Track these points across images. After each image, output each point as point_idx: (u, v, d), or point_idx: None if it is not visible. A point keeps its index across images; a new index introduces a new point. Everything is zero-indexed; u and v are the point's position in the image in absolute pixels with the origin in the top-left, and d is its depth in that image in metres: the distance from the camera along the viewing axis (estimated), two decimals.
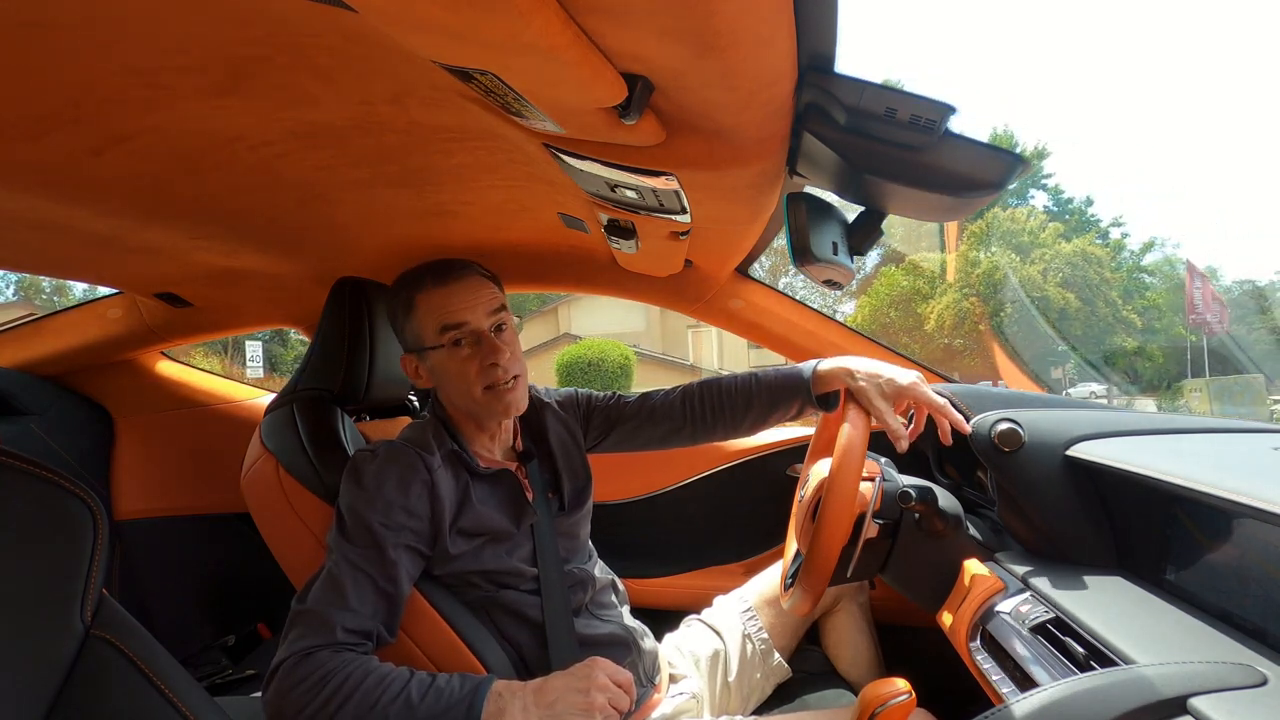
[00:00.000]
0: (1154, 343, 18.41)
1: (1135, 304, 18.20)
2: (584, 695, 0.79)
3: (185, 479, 1.78)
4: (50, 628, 0.54)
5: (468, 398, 0.97)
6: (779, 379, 1.12)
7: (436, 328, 0.96)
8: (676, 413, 1.14)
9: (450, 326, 0.95)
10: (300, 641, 0.81)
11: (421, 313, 0.97)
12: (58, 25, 0.53)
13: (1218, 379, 14.71)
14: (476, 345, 0.96)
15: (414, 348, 1.00)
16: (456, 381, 0.97)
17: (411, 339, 1.00)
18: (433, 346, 0.97)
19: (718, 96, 0.59)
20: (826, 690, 1.17)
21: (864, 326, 16.50)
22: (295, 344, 19.35)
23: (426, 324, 0.97)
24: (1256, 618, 0.66)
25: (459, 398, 0.99)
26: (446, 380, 0.98)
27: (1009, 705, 0.61)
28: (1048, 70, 62.16)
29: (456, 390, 0.98)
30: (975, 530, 1.07)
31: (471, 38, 0.47)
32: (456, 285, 0.97)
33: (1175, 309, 18.12)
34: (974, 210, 0.67)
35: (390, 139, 0.79)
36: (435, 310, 0.96)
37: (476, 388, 0.96)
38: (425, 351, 0.98)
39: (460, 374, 0.96)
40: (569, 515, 1.07)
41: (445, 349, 0.96)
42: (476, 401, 0.97)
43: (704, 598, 1.31)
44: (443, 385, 1.00)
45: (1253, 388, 12.74)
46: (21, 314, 1.97)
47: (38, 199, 0.84)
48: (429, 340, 0.97)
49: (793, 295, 1.61)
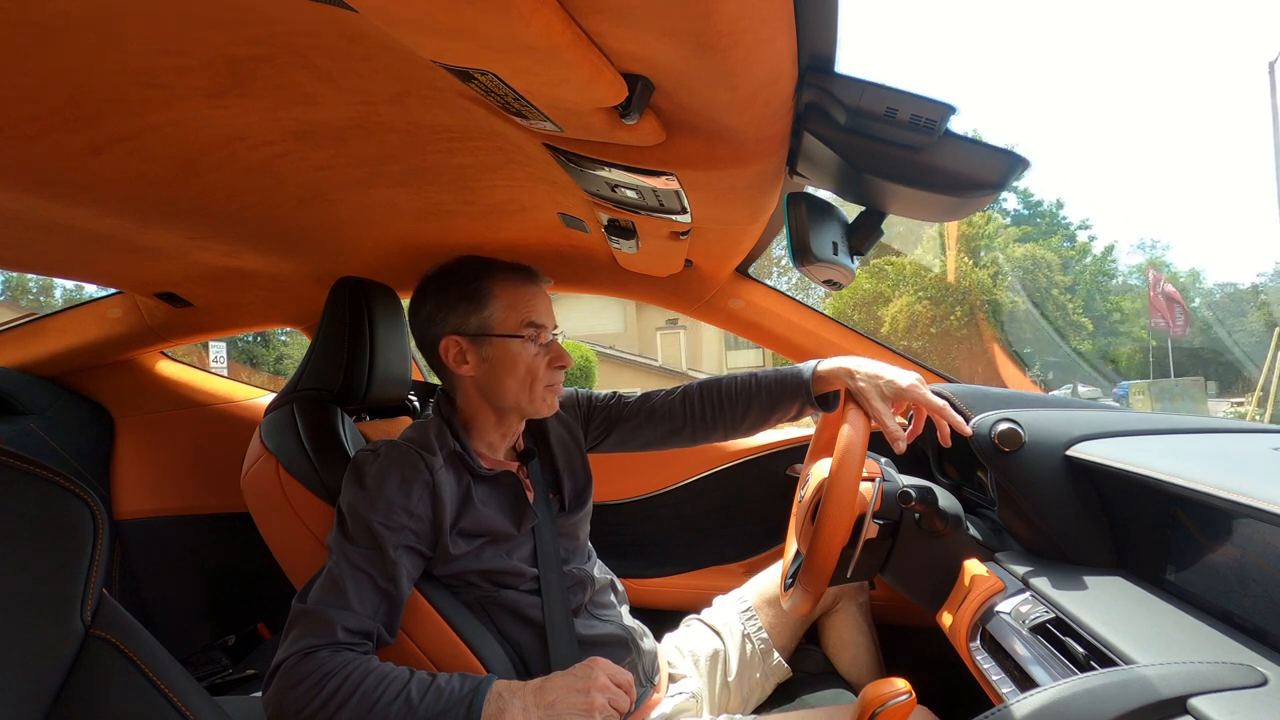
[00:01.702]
0: (1119, 345, 18.56)
1: (1099, 307, 18.29)
2: (584, 695, 0.79)
3: (185, 479, 1.78)
4: (50, 628, 0.54)
5: (523, 391, 0.99)
6: (779, 379, 1.12)
7: (521, 320, 0.98)
8: (676, 413, 1.14)
9: (535, 324, 0.99)
10: (300, 641, 0.81)
11: (503, 302, 0.98)
12: (58, 25, 0.53)
13: (1159, 381, 15.61)
14: (547, 347, 1.00)
15: (476, 332, 0.98)
16: (521, 372, 0.98)
17: (476, 323, 0.98)
18: (509, 335, 0.98)
19: (718, 96, 0.59)
20: (826, 690, 1.17)
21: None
22: (277, 345, 19.38)
23: (508, 314, 0.98)
24: (1256, 618, 0.66)
25: (513, 389, 0.99)
26: (506, 370, 0.98)
27: (1009, 705, 0.62)
28: (1028, 70, 62.16)
29: (513, 381, 0.98)
30: (975, 530, 1.07)
31: (471, 38, 0.47)
32: (537, 290, 1.02)
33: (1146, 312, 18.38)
34: (975, 210, 0.67)
35: (391, 139, 0.79)
36: (521, 304, 0.99)
37: (540, 383, 0.99)
38: (491, 338, 0.98)
39: (528, 366, 0.98)
40: (569, 516, 1.07)
41: (519, 340, 0.98)
42: (531, 395, 0.99)
43: (704, 598, 1.31)
44: (497, 375, 0.99)
45: (1191, 391, 13.65)
46: (9, 316, 1.97)
47: (38, 199, 0.84)
48: (507, 328, 0.98)
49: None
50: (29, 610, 0.53)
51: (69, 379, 1.73)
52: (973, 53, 73.24)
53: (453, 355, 1.00)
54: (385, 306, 1.20)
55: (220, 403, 1.83)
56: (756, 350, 21.27)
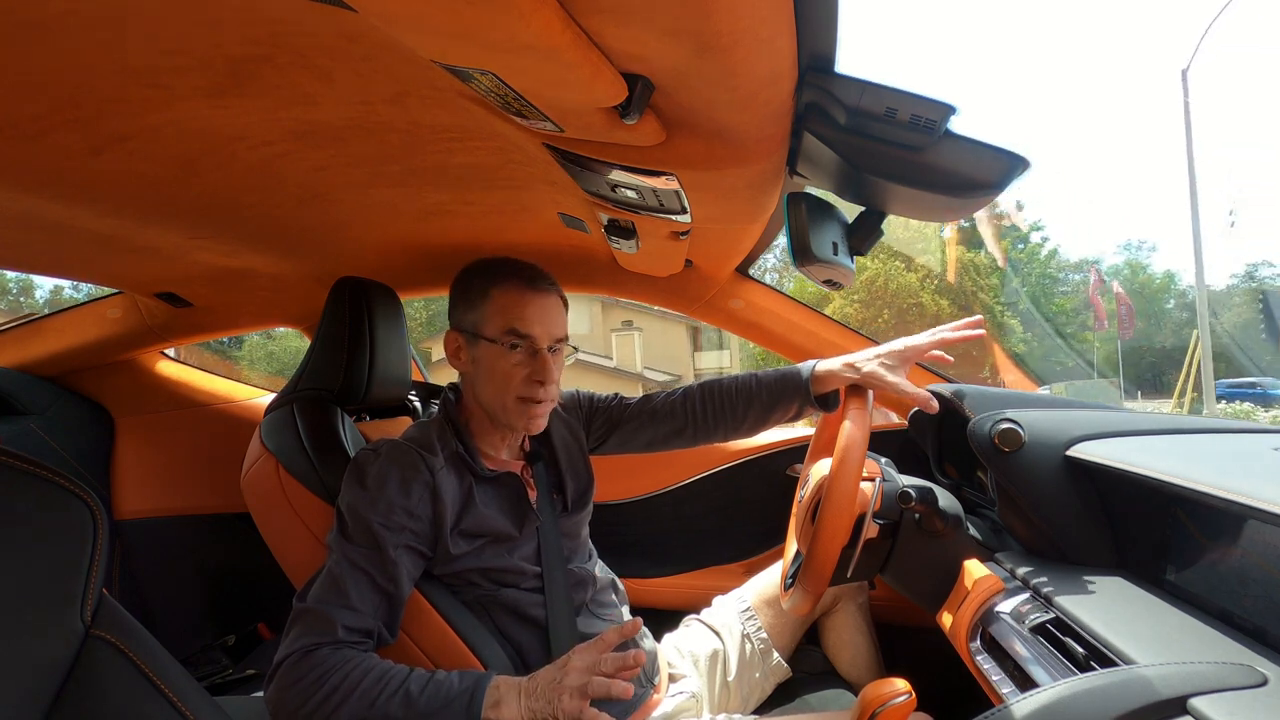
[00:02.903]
0: (1060, 347, 18.80)
1: (1044, 308, 18.42)
2: (558, 681, 0.79)
3: (185, 479, 1.78)
4: (50, 628, 0.54)
5: (499, 399, 0.98)
6: (779, 379, 1.12)
7: (503, 327, 0.96)
8: (678, 413, 1.14)
9: (516, 333, 0.96)
10: (301, 639, 0.81)
11: (495, 306, 0.97)
12: (58, 25, 0.53)
13: (1075, 383, 16.41)
14: (531, 357, 0.97)
15: (469, 330, 0.99)
16: (496, 380, 0.97)
17: (470, 322, 0.99)
18: (491, 339, 0.97)
19: (718, 96, 0.59)
20: (826, 690, 1.17)
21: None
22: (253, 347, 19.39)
23: (494, 318, 0.97)
24: (1256, 618, 0.66)
25: (490, 395, 0.99)
26: (486, 375, 0.98)
27: (1009, 705, 0.61)
28: (1021, 69, 62.06)
29: (491, 388, 0.98)
30: (975, 530, 1.07)
31: (471, 38, 0.47)
32: (536, 296, 0.98)
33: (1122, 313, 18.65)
34: (975, 210, 0.67)
35: (390, 139, 0.79)
36: (508, 310, 0.96)
37: (512, 394, 0.97)
38: (479, 340, 0.98)
39: (504, 375, 0.97)
40: (571, 515, 1.07)
41: (499, 347, 0.96)
42: (505, 406, 0.98)
43: (703, 598, 1.31)
44: (480, 378, 0.99)
45: (1107, 392, 15.15)
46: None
47: (38, 199, 0.84)
48: (489, 332, 0.97)
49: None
50: (29, 610, 0.53)
51: (69, 379, 1.73)
52: (950, 52, 73.35)
53: (452, 348, 1.01)
54: (385, 306, 1.20)
55: (220, 403, 1.83)
56: (723, 351, 21.42)
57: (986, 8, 72.26)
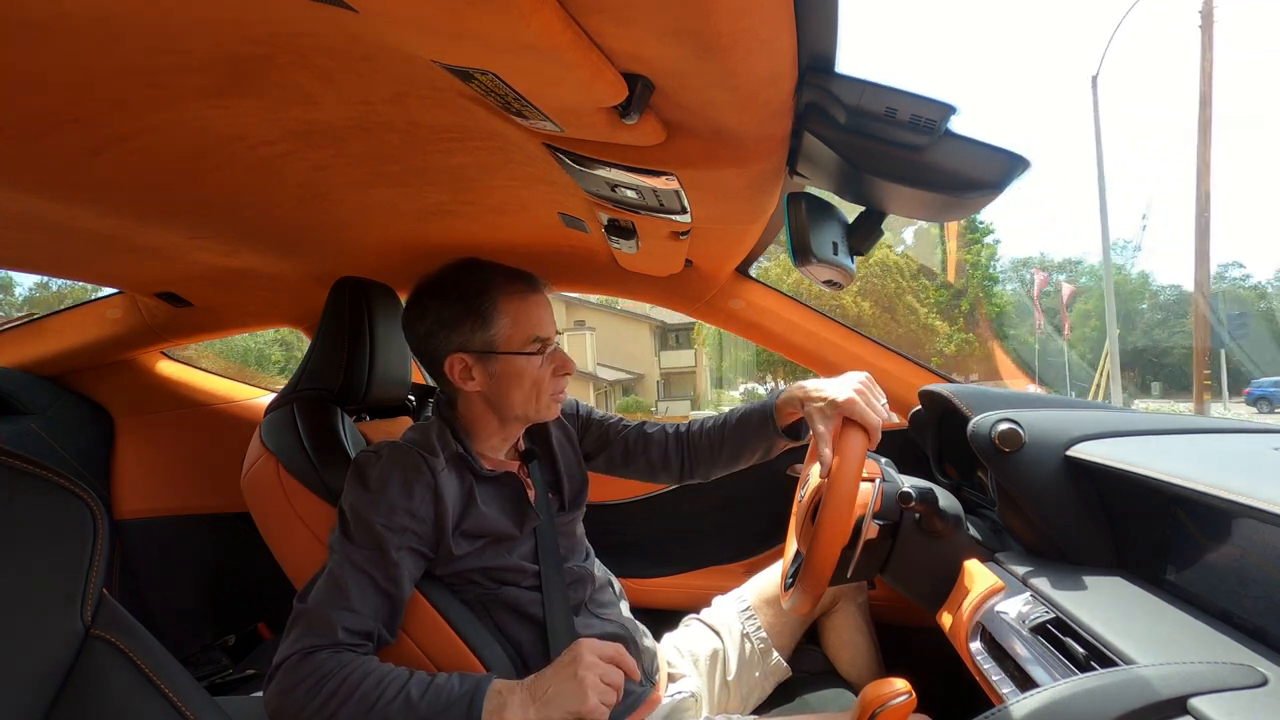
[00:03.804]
0: (1003, 345, 19.01)
1: (987, 310, 18.55)
2: (573, 679, 0.79)
3: (185, 479, 1.78)
4: (50, 628, 0.54)
5: (531, 402, 0.99)
6: (743, 417, 1.11)
7: (528, 337, 0.97)
8: (661, 453, 1.16)
9: (542, 339, 0.98)
10: (301, 641, 0.81)
11: (509, 319, 0.96)
12: (58, 25, 0.53)
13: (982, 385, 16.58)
14: (551, 357, 1.00)
15: (482, 349, 0.96)
16: (525, 386, 0.98)
17: (482, 341, 0.96)
18: (516, 352, 0.96)
19: (718, 96, 0.59)
20: (826, 690, 1.17)
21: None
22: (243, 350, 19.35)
23: (515, 331, 0.96)
24: (1256, 618, 0.66)
25: (520, 401, 0.98)
26: (512, 385, 0.97)
27: (1009, 705, 0.61)
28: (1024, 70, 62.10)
29: (520, 394, 0.98)
30: (975, 530, 1.07)
31: (471, 38, 0.47)
32: (538, 298, 1.00)
33: (1097, 314, 18.79)
34: (975, 210, 0.67)
35: (390, 139, 0.79)
36: (526, 319, 0.97)
37: (546, 395, 0.99)
38: (497, 355, 0.96)
39: (535, 380, 0.98)
40: (568, 514, 1.08)
41: (531, 357, 0.97)
42: (537, 405, 0.99)
43: (703, 597, 1.31)
44: (504, 389, 0.98)
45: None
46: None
47: (38, 199, 0.84)
48: (514, 345, 0.96)
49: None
50: (29, 610, 0.53)
51: (69, 379, 1.73)
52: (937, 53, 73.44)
53: (458, 372, 0.98)
54: (385, 306, 1.20)
55: (220, 403, 1.83)
56: (689, 350, 21.38)
57: (986, 8, 72.38)
